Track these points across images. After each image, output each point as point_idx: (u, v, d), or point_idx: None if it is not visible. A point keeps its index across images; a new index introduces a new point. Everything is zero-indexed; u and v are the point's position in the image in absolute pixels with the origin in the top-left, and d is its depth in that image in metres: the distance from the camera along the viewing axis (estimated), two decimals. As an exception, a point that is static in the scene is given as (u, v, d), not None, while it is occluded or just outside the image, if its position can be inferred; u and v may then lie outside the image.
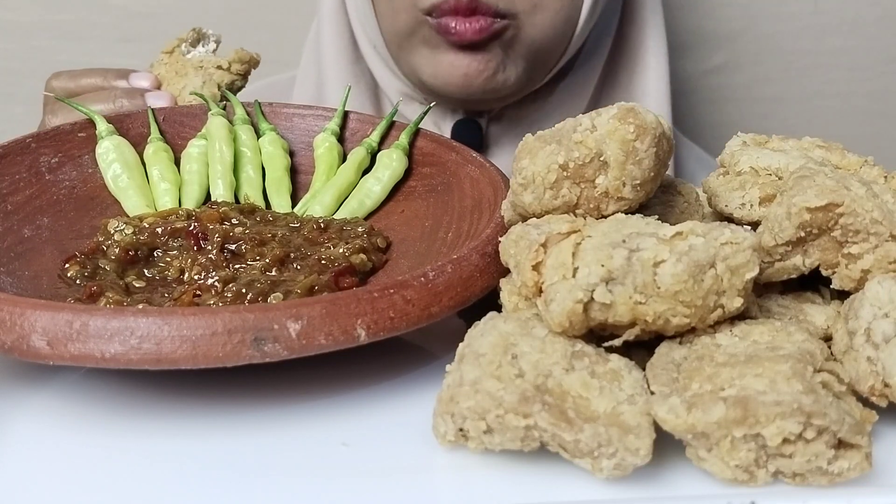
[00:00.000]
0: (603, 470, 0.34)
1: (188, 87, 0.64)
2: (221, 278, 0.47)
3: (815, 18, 1.08)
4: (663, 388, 0.36)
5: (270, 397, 0.41)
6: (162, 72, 0.66)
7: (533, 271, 0.38)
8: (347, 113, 0.62)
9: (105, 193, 0.56)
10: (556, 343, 0.37)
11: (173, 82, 0.65)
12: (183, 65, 0.66)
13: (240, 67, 0.65)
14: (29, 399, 0.42)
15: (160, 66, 0.67)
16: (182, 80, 0.65)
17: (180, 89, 0.65)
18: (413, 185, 0.58)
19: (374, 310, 0.40)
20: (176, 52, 0.67)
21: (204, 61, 0.65)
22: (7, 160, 0.54)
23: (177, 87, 0.65)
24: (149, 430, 0.39)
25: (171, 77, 0.66)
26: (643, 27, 0.84)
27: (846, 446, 0.34)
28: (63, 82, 0.66)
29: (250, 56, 0.66)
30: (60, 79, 0.66)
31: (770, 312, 0.42)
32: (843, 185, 0.39)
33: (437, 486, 0.36)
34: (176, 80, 0.65)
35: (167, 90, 0.65)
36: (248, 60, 0.66)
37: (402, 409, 0.41)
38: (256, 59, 0.66)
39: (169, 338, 0.37)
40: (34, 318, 0.38)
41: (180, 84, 0.65)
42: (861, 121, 1.12)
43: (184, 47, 0.67)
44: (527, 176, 0.42)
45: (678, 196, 0.47)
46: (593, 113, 0.42)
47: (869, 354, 0.36)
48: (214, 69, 0.65)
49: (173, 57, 0.67)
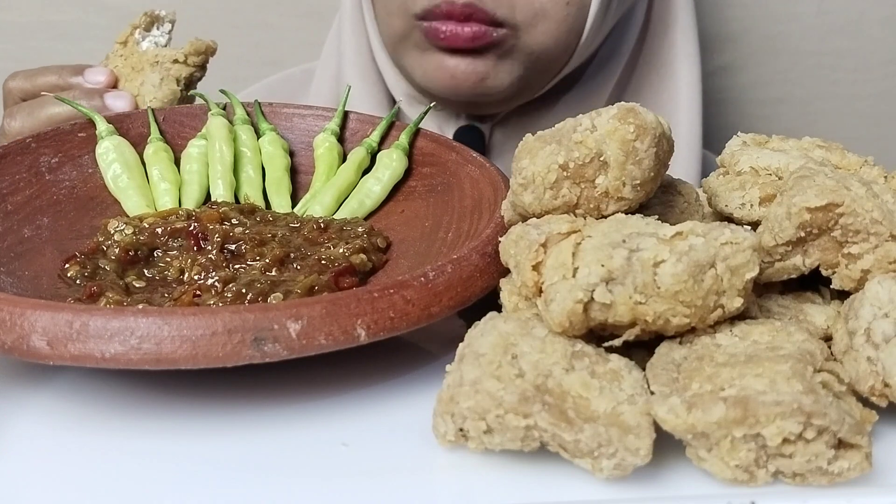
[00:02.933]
0: (603, 470, 0.34)
1: (146, 83, 0.63)
2: (221, 278, 0.47)
3: (818, 19, 1.08)
4: (663, 388, 0.36)
5: (270, 397, 0.41)
6: (119, 65, 0.65)
7: (533, 271, 0.38)
8: (347, 113, 0.62)
9: (105, 193, 0.56)
10: (556, 343, 0.37)
11: (130, 78, 0.64)
12: (139, 59, 0.64)
13: (196, 59, 0.63)
14: (29, 399, 0.42)
15: (115, 58, 0.65)
16: (139, 75, 0.63)
17: (138, 86, 0.63)
18: (413, 185, 0.58)
19: (374, 310, 0.40)
20: (130, 41, 0.65)
21: (159, 55, 0.63)
22: (7, 160, 0.54)
23: (134, 84, 0.63)
24: (149, 430, 0.39)
25: (127, 73, 0.64)
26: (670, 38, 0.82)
27: (846, 446, 0.34)
28: (19, 83, 0.65)
29: (206, 45, 0.63)
30: (17, 79, 0.65)
31: (770, 312, 0.42)
32: (843, 185, 0.39)
33: (437, 486, 0.36)
34: (133, 75, 0.64)
35: (125, 87, 0.64)
36: (204, 50, 0.63)
37: (402, 409, 0.41)
38: (213, 48, 0.64)
39: (169, 338, 0.37)
40: (34, 318, 0.38)
41: (137, 80, 0.63)
42: (865, 123, 1.12)
43: (137, 34, 0.65)
44: (527, 176, 0.42)
45: (678, 196, 0.47)
46: (593, 113, 0.42)
47: (869, 354, 0.36)
48: (171, 63, 0.63)
49: (128, 48, 0.65)
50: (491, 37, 0.68)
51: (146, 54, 0.64)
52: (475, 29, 0.67)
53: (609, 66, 0.81)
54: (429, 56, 0.71)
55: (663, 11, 0.83)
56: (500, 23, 0.68)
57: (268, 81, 0.88)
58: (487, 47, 0.69)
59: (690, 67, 0.82)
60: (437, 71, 0.70)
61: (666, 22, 0.83)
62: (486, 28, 0.68)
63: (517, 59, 0.71)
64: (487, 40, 0.68)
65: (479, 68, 0.70)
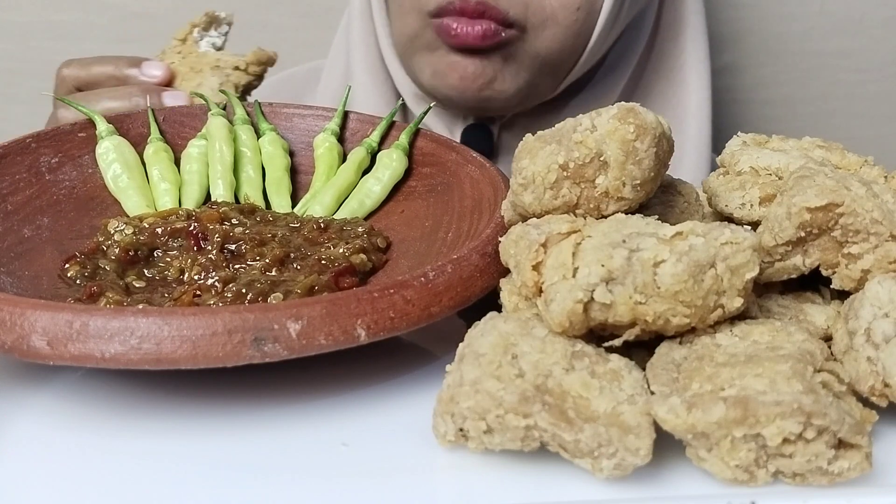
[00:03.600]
0: (603, 470, 0.34)
1: (203, 85, 0.63)
2: (221, 278, 0.47)
3: (820, 20, 1.08)
4: (663, 388, 0.36)
5: (270, 397, 0.41)
6: (175, 62, 0.65)
7: (533, 271, 0.38)
8: (347, 113, 0.62)
9: (105, 193, 0.56)
10: (556, 343, 0.37)
11: (188, 78, 0.64)
12: (198, 60, 0.64)
13: (257, 69, 0.64)
14: (29, 399, 0.42)
15: (172, 53, 0.65)
16: (197, 76, 0.64)
17: (195, 86, 0.63)
18: (413, 185, 0.58)
19: (374, 310, 0.40)
20: (189, 39, 0.65)
21: (221, 60, 0.64)
22: (7, 160, 0.54)
23: (191, 84, 0.64)
24: (149, 430, 0.39)
25: (185, 72, 0.64)
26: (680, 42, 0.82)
27: (846, 446, 0.34)
28: (74, 71, 0.65)
29: (268, 56, 0.65)
30: (72, 67, 0.65)
31: (770, 312, 0.42)
32: (843, 185, 0.39)
33: (437, 486, 0.36)
34: (191, 76, 0.64)
35: (181, 86, 0.64)
36: (265, 61, 0.64)
37: (402, 409, 0.41)
38: (273, 59, 0.65)
39: (169, 338, 0.37)
40: (34, 318, 0.38)
41: (195, 81, 0.64)
42: (866, 122, 1.12)
43: (196, 33, 0.65)
44: (527, 176, 0.42)
45: (678, 196, 0.47)
46: (593, 113, 0.42)
47: (869, 354, 0.36)
48: (232, 70, 0.63)
49: (186, 46, 0.65)
50: (500, 36, 0.68)
51: (206, 56, 0.64)
52: (485, 27, 0.68)
53: (618, 70, 0.81)
54: (439, 55, 0.71)
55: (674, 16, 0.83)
56: (510, 23, 0.68)
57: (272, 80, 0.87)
58: (496, 47, 0.69)
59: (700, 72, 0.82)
60: (446, 70, 0.70)
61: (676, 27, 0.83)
62: (496, 27, 0.68)
63: (524, 64, 0.71)
64: (497, 39, 0.68)
65: (486, 70, 0.70)
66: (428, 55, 0.72)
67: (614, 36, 0.77)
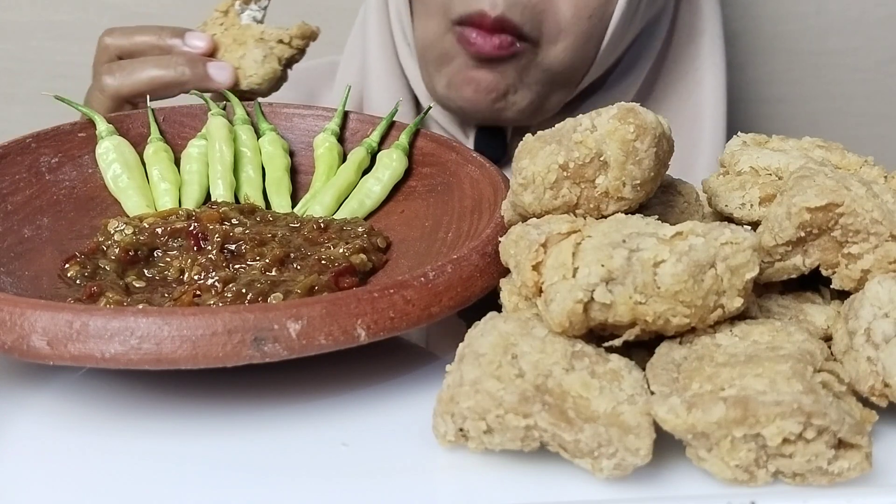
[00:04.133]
0: (603, 470, 0.34)
1: (247, 57, 0.63)
2: (221, 278, 0.47)
3: (818, 19, 1.08)
4: (663, 388, 0.36)
5: (270, 397, 0.41)
6: (217, 33, 0.65)
7: (533, 271, 0.38)
8: (347, 113, 0.62)
9: (105, 193, 0.56)
10: (556, 343, 0.37)
11: (231, 50, 0.64)
12: (241, 32, 0.64)
13: (300, 43, 0.64)
14: (29, 399, 0.42)
15: (214, 25, 0.65)
16: (240, 48, 0.63)
17: (238, 58, 0.63)
18: (413, 185, 0.58)
19: (374, 310, 0.40)
20: (231, 11, 0.65)
21: (265, 33, 0.64)
22: (7, 160, 0.54)
23: (234, 56, 0.64)
24: (149, 430, 0.39)
25: (228, 43, 0.64)
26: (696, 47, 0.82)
27: (846, 446, 0.34)
28: (117, 39, 0.65)
29: (311, 31, 0.65)
30: (114, 35, 0.65)
31: (770, 312, 0.42)
32: (843, 185, 0.39)
33: (437, 486, 0.36)
34: (234, 47, 0.64)
35: (223, 57, 0.64)
36: (309, 35, 0.64)
37: (402, 409, 0.41)
38: (316, 33, 0.65)
39: (169, 338, 0.37)
40: (34, 318, 0.38)
41: (238, 53, 0.63)
42: (865, 122, 1.12)
43: (237, 5, 0.65)
44: (527, 176, 0.42)
45: (678, 196, 0.47)
46: (593, 113, 0.42)
47: (869, 354, 0.36)
48: (276, 43, 0.63)
49: (229, 17, 0.65)
50: (515, 47, 0.69)
51: (250, 29, 0.64)
52: (502, 39, 0.69)
53: (632, 74, 0.81)
54: (454, 67, 0.72)
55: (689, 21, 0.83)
56: (524, 37, 0.70)
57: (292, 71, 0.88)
58: (509, 58, 0.70)
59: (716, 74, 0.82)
60: (461, 82, 0.72)
61: (692, 32, 0.83)
62: (511, 39, 0.69)
63: (536, 76, 0.72)
64: (511, 50, 0.69)
65: (500, 84, 0.71)
66: (445, 66, 0.72)
67: (628, 41, 0.77)
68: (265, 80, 0.63)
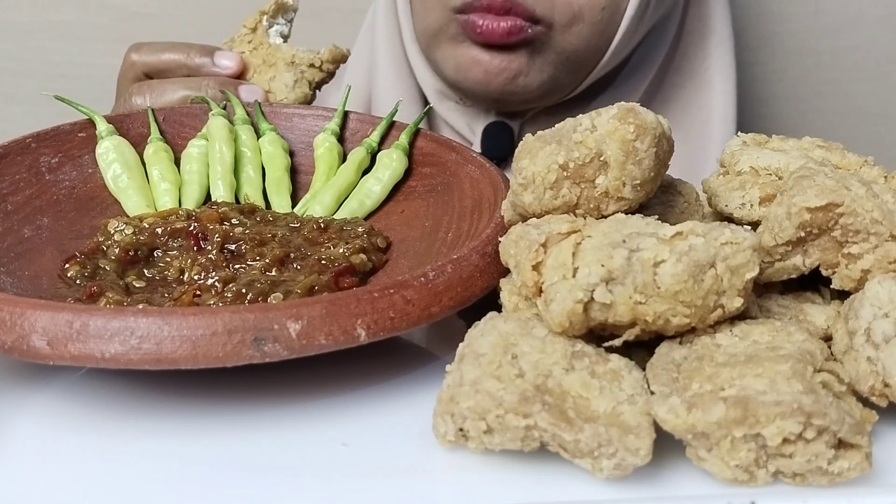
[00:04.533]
0: (603, 470, 0.34)
1: (277, 80, 0.63)
2: (221, 278, 0.47)
3: (816, 19, 1.08)
4: (663, 388, 0.36)
5: (270, 397, 0.41)
6: (246, 52, 0.65)
7: (533, 271, 0.38)
8: (347, 113, 0.62)
9: (105, 193, 0.56)
10: (556, 343, 0.37)
11: (261, 71, 0.64)
12: (271, 53, 0.64)
13: (331, 67, 0.64)
14: (29, 399, 0.42)
15: (242, 43, 0.65)
16: (270, 70, 0.63)
17: (268, 80, 0.63)
18: (413, 185, 0.58)
19: (374, 310, 0.40)
20: (259, 29, 0.65)
21: (296, 56, 0.64)
22: (7, 160, 0.54)
23: (264, 78, 0.63)
24: (149, 430, 0.39)
25: (258, 64, 0.64)
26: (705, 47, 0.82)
27: (846, 446, 0.34)
28: (144, 56, 0.65)
29: (342, 54, 0.65)
30: (142, 52, 0.65)
31: (770, 312, 0.42)
32: (843, 185, 0.39)
33: (437, 486, 0.36)
34: (264, 69, 0.64)
35: (253, 79, 0.64)
36: (339, 59, 0.65)
37: (402, 409, 0.41)
38: (346, 56, 0.65)
39: (169, 338, 0.37)
40: (34, 318, 0.38)
41: (268, 75, 0.63)
42: (865, 122, 1.12)
43: (265, 21, 0.65)
44: (527, 176, 0.42)
45: (678, 196, 0.47)
46: (593, 113, 0.42)
47: (869, 354, 0.36)
48: (307, 67, 0.63)
49: (257, 36, 0.65)
50: (526, 33, 0.68)
51: (280, 50, 0.64)
52: (511, 24, 0.67)
53: (641, 72, 0.81)
54: (463, 49, 0.71)
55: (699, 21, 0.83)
56: (537, 19, 0.68)
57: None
58: (521, 44, 0.69)
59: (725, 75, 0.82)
60: (470, 65, 0.70)
61: (701, 32, 0.83)
62: (522, 23, 0.68)
63: (548, 59, 0.71)
64: (522, 36, 0.68)
65: (511, 65, 0.70)
66: (452, 48, 0.71)
67: (638, 38, 0.77)
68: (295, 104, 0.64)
